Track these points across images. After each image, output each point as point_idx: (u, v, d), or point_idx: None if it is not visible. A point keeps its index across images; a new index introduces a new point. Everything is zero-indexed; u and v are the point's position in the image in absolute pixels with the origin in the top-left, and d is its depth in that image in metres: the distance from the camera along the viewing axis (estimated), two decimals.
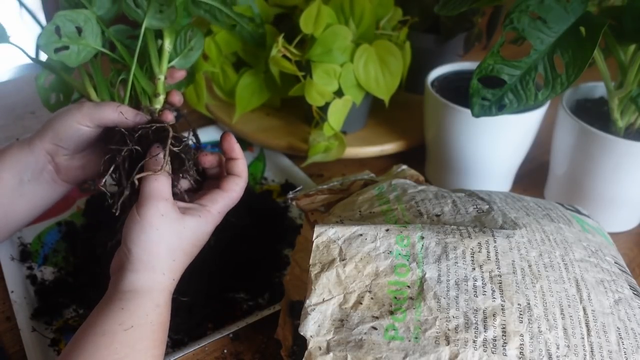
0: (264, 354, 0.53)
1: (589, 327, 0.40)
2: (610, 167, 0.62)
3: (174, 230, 0.47)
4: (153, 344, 0.44)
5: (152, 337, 0.44)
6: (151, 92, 0.55)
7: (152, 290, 0.45)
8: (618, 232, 0.68)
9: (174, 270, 0.47)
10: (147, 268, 0.45)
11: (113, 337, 0.42)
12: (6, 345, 0.53)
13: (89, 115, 0.51)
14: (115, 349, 0.41)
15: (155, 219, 0.46)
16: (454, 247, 0.43)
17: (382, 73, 0.74)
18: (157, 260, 0.46)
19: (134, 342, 0.42)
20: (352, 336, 0.40)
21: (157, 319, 0.45)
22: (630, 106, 0.61)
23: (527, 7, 0.52)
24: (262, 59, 0.78)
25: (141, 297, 0.44)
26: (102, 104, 0.52)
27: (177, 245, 0.47)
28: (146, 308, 0.44)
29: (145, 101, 0.55)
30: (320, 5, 0.71)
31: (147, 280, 0.45)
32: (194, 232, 0.48)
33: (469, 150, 0.69)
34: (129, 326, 0.43)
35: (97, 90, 0.56)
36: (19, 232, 0.66)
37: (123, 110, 0.52)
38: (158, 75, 0.55)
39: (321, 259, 0.44)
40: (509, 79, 0.54)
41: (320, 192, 0.55)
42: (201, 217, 0.49)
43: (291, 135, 0.80)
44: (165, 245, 0.46)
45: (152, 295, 0.45)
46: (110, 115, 0.51)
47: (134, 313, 0.43)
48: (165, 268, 0.46)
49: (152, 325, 0.44)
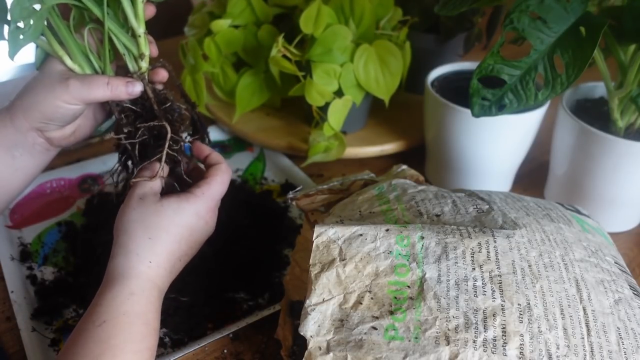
0: (264, 354, 0.53)
1: (589, 327, 0.40)
2: (610, 167, 0.62)
3: (151, 209, 0.46)
4: (131, 338, 0.41)
5: (128, 330, 0.41)
6: (137, 53, 0.51)
7: (126, 277, 0.43)
8: (618, 232, 0.68)
9: (152, 251, 0.45)
10: (124, 251, 0.44)
11: (87, 335, 0.40)
12: (6, 345, 0.53)
13: (77, 95, 0.48)
14: (89, 347, 0.40)
15: (133, 201, 0.47)
16: (454, 247, 0.43)
17: (382, 73, 0.74)
18: (133, 240, 0.45)
19: (107, 338, 0.40)
20: (352, 336, 0.40)
21: (132, 309, 0.42)
22: (630, 106, 0.61)
23: (527, 7, 0.52)
24: (262, 59, 0.78)
25: (115, 287, 0.43)
26: (90, 81, 0.49)
27: (155, 223, 0.46)
28: (119, 298, 0.42)
29: (132, 63, 0.52)
30: (320, 5, 0.71)
31: (122, 265, 0.44)
32: (174, 209, 0.47)
33: (469, 150, 0.69)
34: (101, 321, 0.41)
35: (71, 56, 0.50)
36: (19, 232, 0.66)
37: (113, 84, 0.49)
38: (138, 30, 0.50)
39: (321, 259, 0.44)
40: (509, 79, 0.54)
41: (320, 192, 0.55)
42: (181, 196, 0.48)
43: (291, 135, 0.80)
44: (141, 224, 0.45)
45: (126, 283, 0.43)
46: (100, 93, 0.49)
47: (107, 306, 0.42)
48: (140, 247, 0.45)
49: (126, 317, 0.42)
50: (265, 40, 0.77)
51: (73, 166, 0.76)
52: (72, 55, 0.50)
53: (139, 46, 0.51)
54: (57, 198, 0.72)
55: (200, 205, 0.49)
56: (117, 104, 0.52)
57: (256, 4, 0.77)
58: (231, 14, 0.77)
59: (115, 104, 0.52)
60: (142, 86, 0.51)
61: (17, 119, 0.50)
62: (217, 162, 0.53)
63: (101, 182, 0.75)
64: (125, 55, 0.51)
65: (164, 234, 0.46)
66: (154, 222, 0.46)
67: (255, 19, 0.78)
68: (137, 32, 0.50)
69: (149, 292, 0.44)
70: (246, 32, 0.78)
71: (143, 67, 0.52)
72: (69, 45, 0.50)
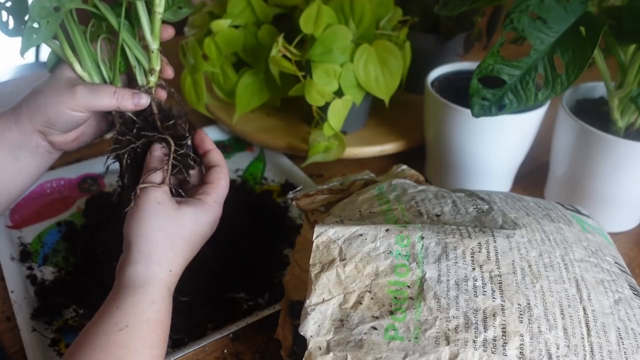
0: (264, 354, 0.53)
1: (589, 327, 0.40)
2: (610, 167, 0.62)
3: (172, 217, 0.46)
4: (150, 344, 0.42)
5: (148, 337, 0.43)
6: (147, 68, 0.52)
7: (148, 285, 0.44)
8: (618, 232, 0.68)
9: (172, 261, 0.46)
10: (145, 259, 0.45)
11: (108, 338, 0.41)
12: (6, 345, 0.53)
13: (83, 103, 0.49)
14: (110, 350, 0.40)
15: (153, 206, 0.46)
16: (454, 247, 0.43)
17: (382, 73, 0.74)
18: (156, 249, 0.45)
19: (128, 342, 0.41)
20: (352, 336, 0.40)
21: (154, 317, 0.43)
22: (630, 106, 0.61)
23: (527, 7, 0.52)
24: (262, 59, 0.78)
25: (137, 294, 0.43)
26: (97, 90, 0.49)
27: (176, 233, 0.46)
28: (142, 305, 0.43)
29: (141, 76, 0.52)
30: (320, 5, 0.71)
31: (143, 273, 0.44)
32: (193, 220, 0.48)
33: (469, 150, 0.69)
34: (123, 326, 0.42)
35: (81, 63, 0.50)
36: (19, 232, 0.66)
37: (120, 95, 0.49)
38: (152, 45, 0.50)
39: (321, 259, 0.44)
40: (509, 79, 0.54)
41: (320, 192, 0.55)
42: (197, 206, 0.48)
43: (291, 135, 0.80)
44: (163, 233, 0.45)
45: (148, 290, 0.44)
46: (106, 102, 0.49)
47: (129, 311, 0.42)
48: (162, 257, 0.45)
49: (148, 324, 0.43)
50: (265, 40, 0.77)
51: (73, 166, 0.76)
52: (82, 62, 0.51)
53: (150, 61, 0.52)
54: (57, 198, 0.72)
55: (214, 214, 0.50)
56: (120, 115, 0.52)
57: (256, 4, 0.77)
58: (231, 14, 0.77)
59: (118, 114, 0.52)
60: (148, 99, 0.52)
61: (21, 121, 0.50)
62: (219, 163, 0.53)
63: (101, 182, 0.75)
64: (135, 68, 0.52)
65: (183, 243, 0.47)
66: (175, 233, 0.46)
67: (255, 19, 0.78)
68: (151, 47, 0.51)
69: (167, 301, 0.45)
70: (246, 32, 0.78)
71: (151, 82, 0.52)
72: (80, 51, 0.50)
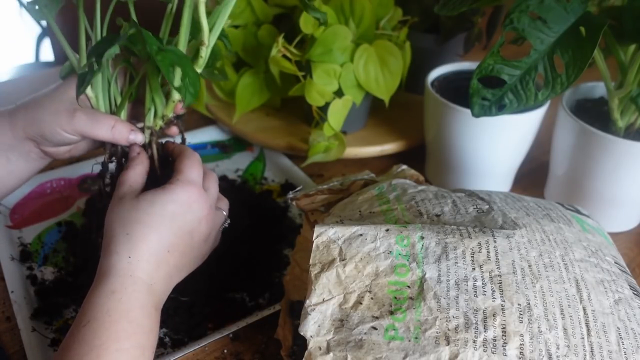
0: (264, 354, 0.53)
1: (589, 327, 0.40)
2: (610, 167, 0.62)
3: (129, 205, 0.46)
4: (115, 336, 0.41)
5: (112, 329, 0.41)
6: (160, 113, 0.52)
7: (106, 276, 0.43)
8: (618, 232, 0.68)
9: (131, 247, 0.44)
10: (105, 251, 0.45)
11: (74, 337, 0.41)
12: (6, 345, 0.53)
13: (79, 130, 0.49)
14: (75, 349, 0.40)
15: (113, 203, 0.47)
16: (454, 247, 0.43)
17: (382, 73, 0.74)
18: (112, 239, 0.45)
19: (91, 338, 0.40)
20: (352, 336, 0.40)
21: (115, 307, 0.42)
22: (630, 106, 0.61)
23: (527, 7, 0.52)
24: (262, 59, 0.78)
25: (97, 287, 0.43)
26: (96, 120, 0.50)
27: (132, 218, 0.45)
28: (101, 297, 0.42)
29: (151, 118, 0.53)
30: (320, 5, 0.71)
31: (105, 266, 0.44)
32: (151, 202, 0.46)
33: (469, 150, 0.69)
34: (86, 322, 0.41)
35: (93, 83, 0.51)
36: (19, 232, 0.66)
37: (117, 129, 0.50)
38: (174, 96, 0.51)
39: (321, 259, 0.44)
40: (509, 79, 0.54)
41: (320, 192, 0.55)
42: (158, 189, 0.47)
43: (291, 135, 0.80)
44: (118, 222, 0.45)
45: (106, 282, 0.43)
46: (102, 133, 0.50)
47: (91, 307, 0.42)
48: (119, 245, 0.44)
49: (108, 316, 0.41)
50: (265, 40, 0.77)
51: (73, 166, 0.76)
52: (94, 82, 0.50)
53: (166, 108, 0.52)
54: (57, 198, 0.72)
55: (177, 192, 0.47)
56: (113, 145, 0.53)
57: (256, 4, 0.77)
58: (231, 14, 0.77)
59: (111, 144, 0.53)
60: (144, 138, 0.52)
61: (16, 128, 0.50)
62: (180, 150, 0.53)
63: None
64: (149, 110, 0.52)
65: (142, 227, 0.45)
66: (131, 218, 0.46)
67: (255, 19, 0.79)
68: (173, 97, 0.52)
69: (131, 289, 0.43)
70: (246, 32, 0.78)
71: (157, 125, 0.53)
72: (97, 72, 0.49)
